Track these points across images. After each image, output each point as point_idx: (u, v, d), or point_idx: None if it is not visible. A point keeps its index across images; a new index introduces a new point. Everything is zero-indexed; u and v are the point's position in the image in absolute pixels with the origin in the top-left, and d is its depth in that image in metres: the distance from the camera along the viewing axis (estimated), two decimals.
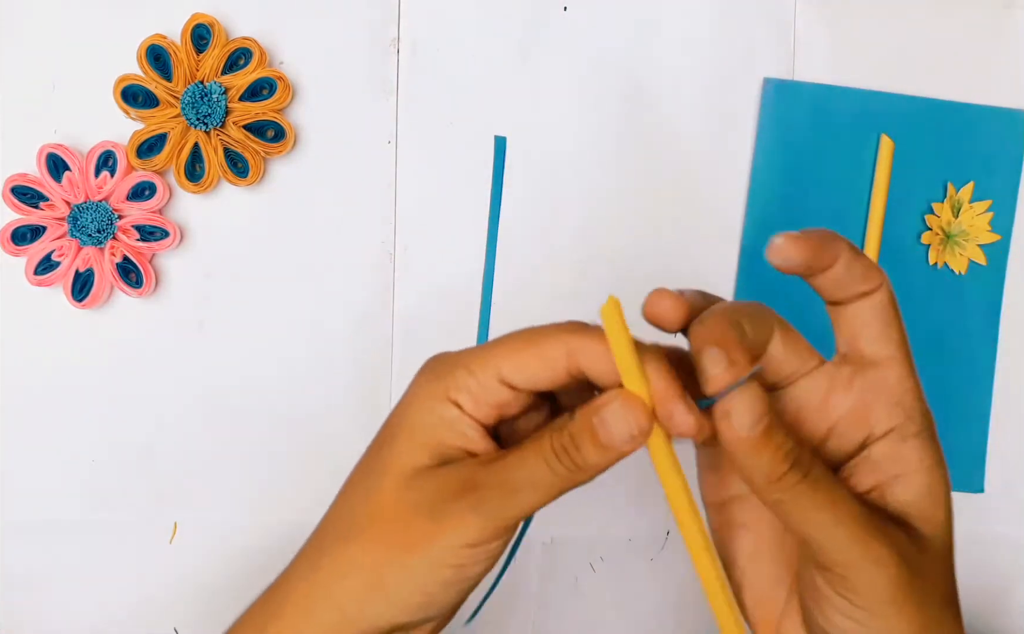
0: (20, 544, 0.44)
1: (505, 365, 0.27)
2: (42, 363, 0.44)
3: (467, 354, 0.28)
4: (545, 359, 0.27)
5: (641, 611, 0.48)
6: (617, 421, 0.26)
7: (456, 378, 0.28)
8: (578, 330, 0.27)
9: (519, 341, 0.28)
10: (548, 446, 0.27)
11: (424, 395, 0.28)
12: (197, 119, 0.42)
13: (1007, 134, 0.48)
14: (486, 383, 0.28)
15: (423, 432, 0.28)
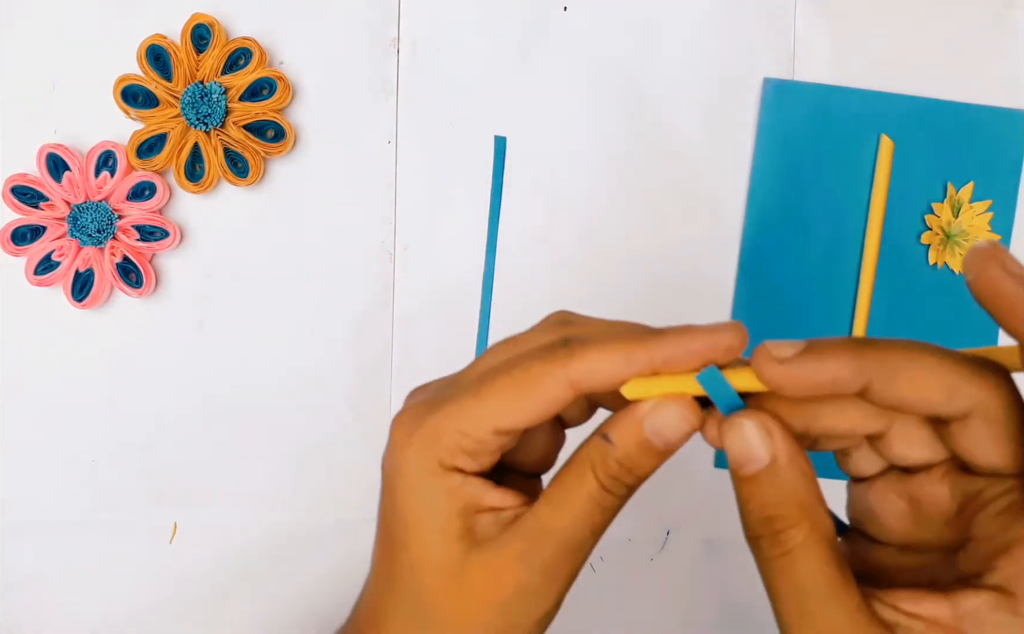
0: (20, 544, 0.44)
1: (503, 419, 0.24)
2: (42, 363, 0.44)
3: (452, 412, 0.25)
4: (547, 400, 0.24)
5: (641, 611, 0.48)
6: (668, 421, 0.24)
7: (447, 444, 0.25)
8: (568, 356, 0.24)
9: (513, 388, 0.24)
10: (596, 485, 0.24)
11: (416, 472, 0.25)
12: (197, 119, 0.42)
13: (1007, 134, 0.48)
14: (483, 439, 0.25)
15: (439, 518, 0.25)
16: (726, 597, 0.49)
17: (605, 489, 0.25)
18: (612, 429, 0.25)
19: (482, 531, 0.26)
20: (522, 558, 0.25)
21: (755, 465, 0.23)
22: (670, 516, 0.48)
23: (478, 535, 0.25)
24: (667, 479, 0.48)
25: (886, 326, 0.48)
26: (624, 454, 0.24)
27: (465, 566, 0.25)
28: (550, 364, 0.24)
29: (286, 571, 0.46)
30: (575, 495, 0.25)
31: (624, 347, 0.24)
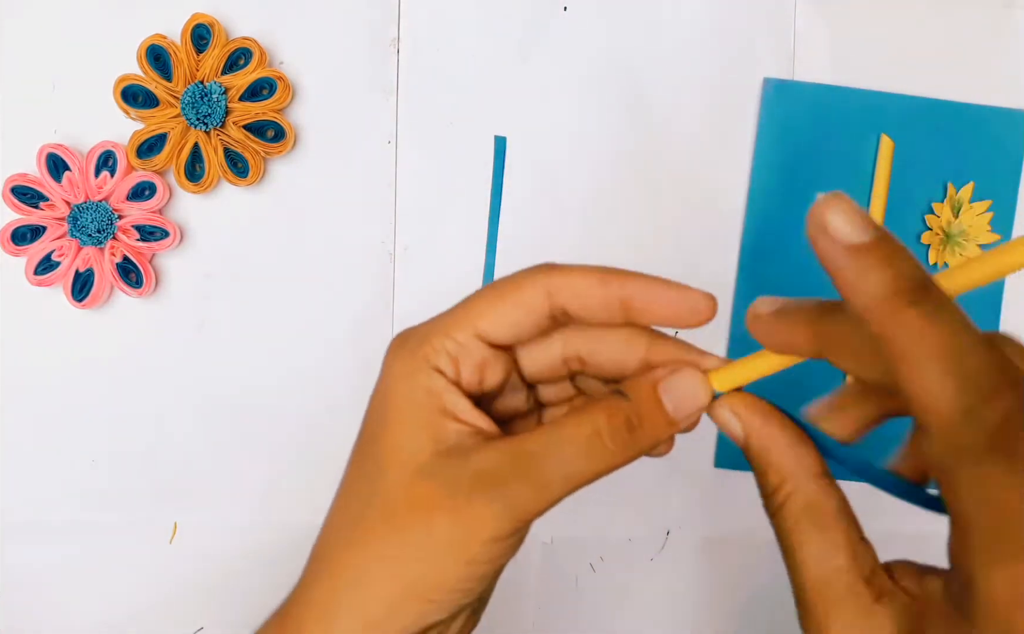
0: (20, 544, 0.44)
1: (482, 320, 0.26)
2: (42, 363, 0.44)
3: (439, 319, 0.27)
4: (524, 305, 0.26)
5: (641, 611, 0.48)
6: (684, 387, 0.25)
7: (432, 344, 0.26)
8: (554, 269, 0.26)
9: (493, 292, 0.26)
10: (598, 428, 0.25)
11: (403, 372, 0.26)
12: (197, 119, 0.42)
13: (1007, 134, 0.48)
14: (465, 343, 0.26)
15: (415, 414, 0.26)
16: (726, 597, 0.49)
17: (606, 435, 0.25)
18: (627, 385, 0.26)
19: (454, 441, 0.26)
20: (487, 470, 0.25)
21: (738, 442, 0.26)
22: (670, 516, 0.48)
23: (449, 441, 0.26)
24: (667, 479, 0.48)
25: None
26: (635, 409, 0.25)
27: (430, 466, 0.25)
28: (529, 272, 0.26)
29: (286, 571, 0.46)
30: (573, 428, 0.25)
31: (601, 271, 0.26)
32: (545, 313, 0.26)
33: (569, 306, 0.26)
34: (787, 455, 0.25)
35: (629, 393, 0.25)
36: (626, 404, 0.25)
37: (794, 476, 0.25)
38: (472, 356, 0.26)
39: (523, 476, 0.25)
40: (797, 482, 0.25)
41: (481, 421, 0.26)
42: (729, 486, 0.48)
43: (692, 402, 0.25)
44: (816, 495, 0.25)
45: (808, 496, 0.25)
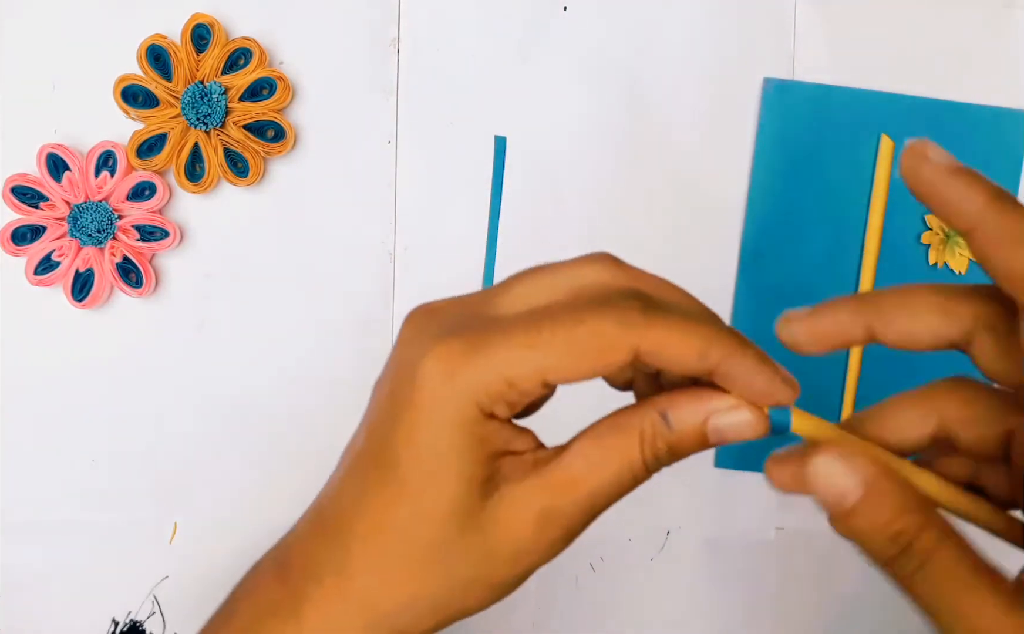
0: (20, 544, 0.44)
1: (555, 374, 0.23)
2: (42, 363, 0.44)
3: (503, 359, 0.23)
4: (604, 367, 0.23)
5: (641, 611, 0.48)
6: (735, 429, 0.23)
7: (492, 392, 0.23)
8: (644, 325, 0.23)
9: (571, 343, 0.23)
10: (639, 456, 0.24)
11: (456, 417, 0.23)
12: (197, 119, 0.42)
13: (1007, 134, 0.48)
14: (530, 391, 0.23)
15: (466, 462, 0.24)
16: (726, 597, 0.49)
17: (645, 463, 0.24)
18: (675, 411, 0.24)
19: (503, 475, 0.24)
20: (545, 510, 0.24)
21: (853, 495, 0.22)
22: (670, 516, 0.48)
23: (499, 480, 0.24)
24: (667, 479, 0.48)
25: None
26: (679, 440, 0.24)
27: (481, 516, 0.24)
28: (623, 329, 0.23)
29: None
30: (615, 459, 0.24)
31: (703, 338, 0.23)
32: (624, 369, 0.24)
33: (654, 365, 0.23)
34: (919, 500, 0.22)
35: (674, 421, 0.24)
36: (669, 434, 0.24)
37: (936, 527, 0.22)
38: (530, 397, 0.24)
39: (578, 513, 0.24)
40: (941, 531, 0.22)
41: (526, 441, 0.25)
42: (729, 486, 0.48)
43: (734, 436, 0.24)
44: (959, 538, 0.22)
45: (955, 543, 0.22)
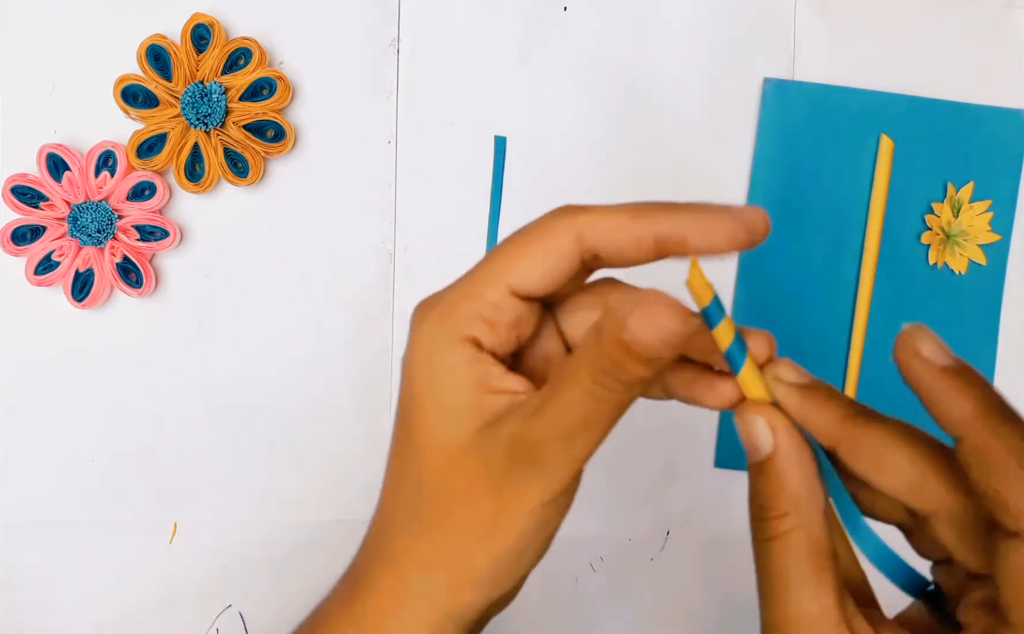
0: (20, 544, 0.44)
1: (513, 273, 0.24)
2: (42, 363, 0.44)
3: (465, 280, 0.25)
4: (554, 251, 0.24)
5: (641, 611, 0.48)
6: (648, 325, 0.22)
7: (463, 310, 0.25)
8: (579, 211, 0.24)
9: (520, 243, 0.25)
10: (588, 377, 0.23)
11: (432, 347, 0.25)
12: (197, 119, 0.42)
13: (1007, 134, 0.48)
14: (498, 302, 0.24)
15: (448, 393, 0.25)
16: (726, 597, 0.49)
17: (596, 381, 0.23)
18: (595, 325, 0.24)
19: (490, 413, 0.25)
20: (515, 436, 0.24)
21: (759, 455, 0.24)
22: (670, 516, 0.48)
23: (488, 414, 0.25)
24: (667, 479, 0.48)
25: (886, 326, 0.48)
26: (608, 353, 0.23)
27: (473, 444, 0.24)
28: (556, 215, 0.24)
29: (286, 571, 0.46)
30: (566, 382, 0.24)
31: (631, 208, 0.24)
32: (576, 258, 0.25)
33: (600, 249, 0.24)
34: (804, 487, 0.24)
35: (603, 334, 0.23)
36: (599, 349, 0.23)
37: (806, 510, 0.24)
38: (505, 314, 0.25)
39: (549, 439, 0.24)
40: (808, 517, 0.24)
41: (515, 383, 0.25)
42: (729, 486, 0.48)
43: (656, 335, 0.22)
44: (821, 534, 0.24)
45: (814, 533, 0.24)
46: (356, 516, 0.46)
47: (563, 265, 0.25)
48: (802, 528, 0.24)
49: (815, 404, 0.25)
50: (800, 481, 0.24)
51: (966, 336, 0.49)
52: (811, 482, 0.24)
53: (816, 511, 0.24)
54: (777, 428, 0.24)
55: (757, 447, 0.25)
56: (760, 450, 0.25)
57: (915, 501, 0.24)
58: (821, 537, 0.24)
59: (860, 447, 0.24)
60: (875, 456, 0.24)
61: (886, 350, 0.44)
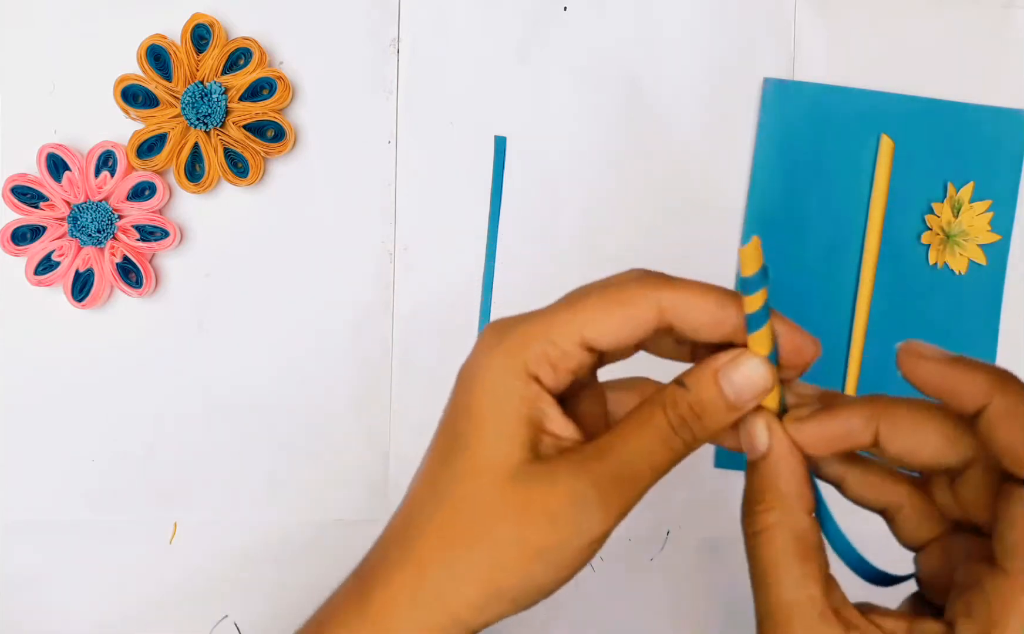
0: (20, 544, 0.44)
1: (590, 329, 0.26)
2: (42, 363, 0.44)
3: (543, 320, 0.26)
4: (635, 320, 0.26)
5: (641, 611, 0.48)
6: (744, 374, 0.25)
7: (534, 350, 0.26)
8: (666, 284, 0.26)
9: (603, 300, 0.26)
10: (665, 424, 0.26)
11: (500, 371, 0.26)
12: (197, 119, 0.42)
13: (1007, 134, 0.48)
14: (568, 350, 0.26)
15: (512, 420, 0.26)
16: (726, 597, 0.49)
17: (672, 427, 0.26)
18: (688, 375, 0.26)
19: (546, 450, 0.26)
20: (578, 473, 0.25)
21: (755, 453, 0.26)
22: (670, 516, 0.48)
23: (539, 450, 0.26)
24: (667, 479, 0.48)
25: (886, 326, 0.48)
26: (696, 398, 0.25)
27: (524, 473, 0.26)
28: (643, 285, 0.26)
29: (286, 571, 0.46)
30: (641, 426, 0.26)
31: (719, 294, 0.26)
32: (652, 327, 0.26)
33: (679, 326, 0.26)
34: (793, 486, 0.26)
35: (688, 383, 0.26)
36: (687, 395, 0.26)
37: (792, 508, 0.26)
38: (571, 361, 0.26)
39: (614, 477, 0.25)
40: (793, 513, 0.26)
41: (568, 429, 0.27)
42: (729, 486, 0.48)
43: (752, 388, 0.25)
44: (806, 529, 0.26)
45: (799, 528, 0.26)
46: (356, 516, 0.46)
47: (639, 333, 0.26)
48: (787, 521, 0.26)
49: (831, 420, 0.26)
50: (789, 479, 0.26)
51: (966, 336, 0.49)
52: (799, 481, 0.26)
53: (802, 507, 0.26)
54: (775, 430, 0.26)
55: (755, 445, 0.26)
56: (757, 448, 0.26)
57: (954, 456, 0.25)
58: (806, 530, 0.26)
59: (900, 422, 0.25)
60: (915, 426, 0.25)
61: (886, 350, 0.45)
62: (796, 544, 0.25)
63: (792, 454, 0.26)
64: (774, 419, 0.26)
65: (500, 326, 0.27)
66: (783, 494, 0.26)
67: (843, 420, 0.26)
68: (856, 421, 0.26)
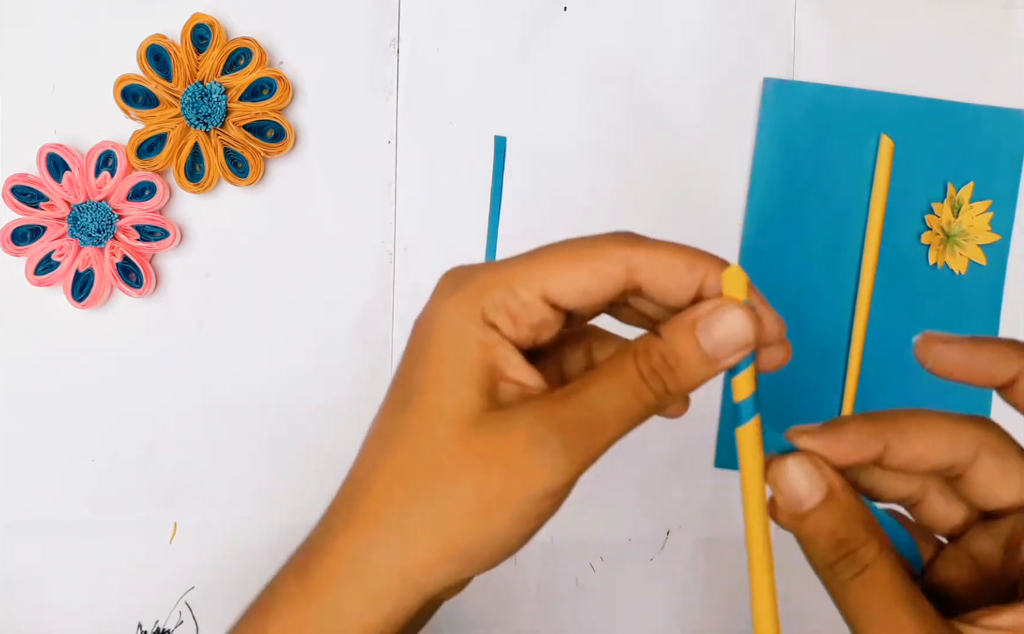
0: (20, 544, 0.44)
1: (553, 282, 0.24)
2: (42, 363, 0.44)
3: (504, 268, 0.25)
4: (600, 275, 0.24)
5: (641, 611, 0.48)
6: (725, 328, 0.23)
7: (493, 297, 0.24)
8: (636, 242, 0.25)
9: (568, 254, 0.25)
10: (634, 372, 0.24)
11: (455, 319, 0.25)
12: (197, 119, 0.42)
13: (1007, 134, 0.48)
14: (529, 302, 0.24)
15: (466, 367, 0.24)
16: (726, 597, 0.49)
17: (642, 377, 0.24)
18: (665, 325, 0.24)
19: (503, 397, 0.25)
20: (539, 417, 0.24)
21: (812, 500, 0.24)
22: (670, 516, 0.48)
23: (499, 398, 0.25)
24: (667, 479, 0.48)
25: (886, 326, 0.48)
26: (670, 349, 0.24)
27: (481, 420, 0.24)
28: (609, 240, 0.25)
29: None
30: (611, 373, 0.24)
31: (689, 254, 0.25)
32: (620, 286, 0.25)
33: (646, 285, 0.25)
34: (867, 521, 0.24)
35: (664, 333, 0.24)
36: (660, 345, 0.24)
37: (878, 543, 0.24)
38: (532, 315, 0.25)
39: (577, 423, 0.24)
40: (881, 548, 0.24)
41: (531, 378, 0.25)
42: (729, 486, 0.48)
43: (731, 342, 0.24)
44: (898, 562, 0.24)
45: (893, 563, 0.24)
46: None
47: (606, 289, 0.25)
48: (886, 552, 0.24)
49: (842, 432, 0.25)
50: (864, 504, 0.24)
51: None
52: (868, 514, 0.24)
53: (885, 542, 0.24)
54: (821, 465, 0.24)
55: (799, 497, 0.24)
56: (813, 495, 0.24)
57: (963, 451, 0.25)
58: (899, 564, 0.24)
59: (908, 432, 0.24)
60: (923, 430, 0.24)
61: (886, 350, 0.45)
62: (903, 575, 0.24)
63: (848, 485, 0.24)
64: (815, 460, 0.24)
65: (458, 273, 0.25)
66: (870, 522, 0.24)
67: (853, 433, 0.25)
68: (865, 433, 0.25)
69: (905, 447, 0.24)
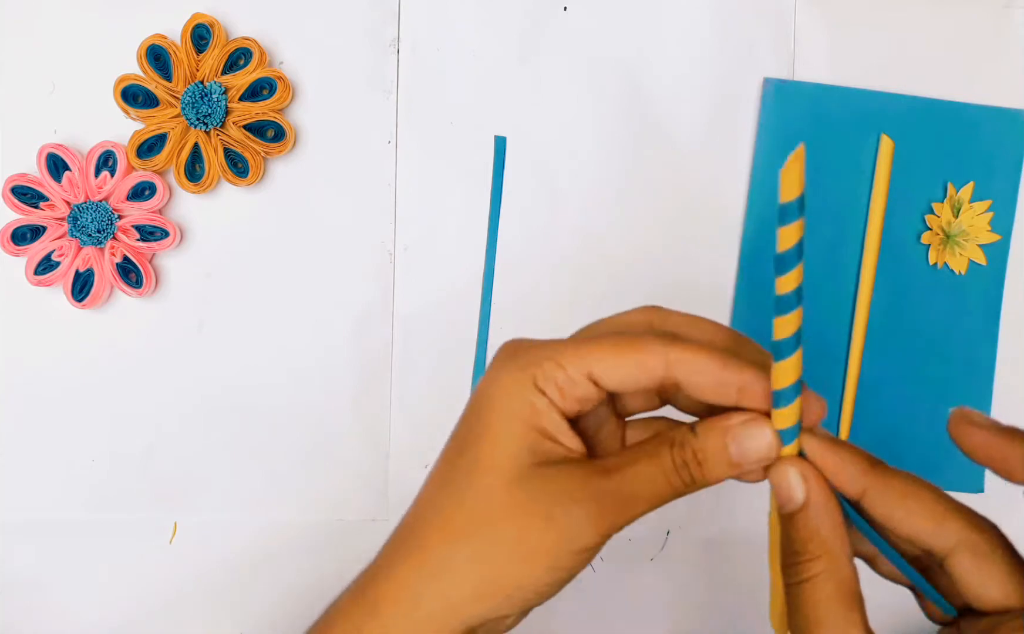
0: (20, 544, 0.44)
1: (598, 366, 0.27)
2: (42, 363, 0.44)
3: (555, 347, 0.28)
4: (642, 368, 0.27)
5: (641, 611, 0.48)
6: (752, 441, 0.27)
7: (544, 369, 0.28)
8: (677, 343, 0.27)
9: (615, 344, 0.28)
10: (668, 461, 0.27)
11: (510, 384, 0.28)
12: (197, 119, 0.42)
13: (1007, 134, 0.48)
14: (575, 378, 0.27)
15: (517, 426, 0.28)
16: (726, 597, 0.49)
17: (674, 465, 0.27)
18: (701, 423, 0.28)
19: (551, 457, 0.28)
20: (579, 482, 0.27)
21: (792, 505, 0.27)
22: (670, 516, 0.48)
23: (546, 458, 0.28)
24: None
25: (886, 326, 0.48)
26: (701, 446, 0.27)
27: (527, 475, 0.27)
28: (652, 341, 0.27)
29: (286, 571, 0.46)
30: (648, 455, 0.27)
31: (723, 357, 0.27)
32: (658, 379, 0.27)
33: (683, 381, 0.27)
34: (835, 533, 0.27)
35: (699, 431, 0.27)
36: (694, 441, 0.27)
37: (837, 554, 0.26)
38: (577, 389, 0.28)
39: (613, 494, 0.27)
40: (838, 561, 0.26)
41: (574, 443, 0.28)
42: (729, 486, 0.48)
43: (756, 456, 0.27)
44: (851, 576, 0.26)
45: (844, 576, 0.26)
46: (356, 516, 0.46)
47: (644, 381, 0.27)
48: (832, 570, 0.26)
49: (844, 457, 0.27)
50: (831, 528, 0.27)
51: (966, 336, 0.49)
52: (840, 529, 0.27)
53: (844, 555, 0.27)
54: (809, 479, 0.27)
55: (790, 497, 0.27)
56: (793, 500, 0.27)
57: (938, 538, 0.26)
58: (850, 578, 0.26)
59: (888, 492, 0.27)
60: (902, 498, 0.27)
61: (886, 350, 0.45)
62: (842, 592, 0.26)
63: (831, 500, 0.27)
64: (808, 468, 0.27)
65: (516, 344, 0.29)
66: (827, 542, 0.27)
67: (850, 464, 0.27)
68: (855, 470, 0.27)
69: (881, 503, 0.27)
